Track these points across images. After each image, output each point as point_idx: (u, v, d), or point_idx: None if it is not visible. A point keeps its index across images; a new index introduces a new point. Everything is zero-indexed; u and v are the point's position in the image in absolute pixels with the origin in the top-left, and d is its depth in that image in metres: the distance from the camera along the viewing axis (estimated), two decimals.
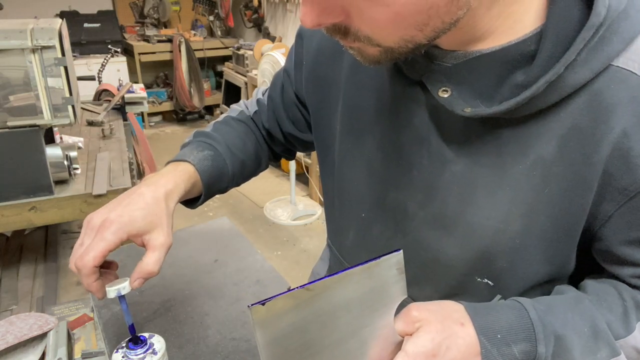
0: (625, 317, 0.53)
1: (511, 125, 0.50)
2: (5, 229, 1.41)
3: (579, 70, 0.45)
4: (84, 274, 0.56)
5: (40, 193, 1.35)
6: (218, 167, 0.71)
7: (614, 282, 0.56)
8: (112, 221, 0.57)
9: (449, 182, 0.55)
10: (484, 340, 0.49)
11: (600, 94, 0.46)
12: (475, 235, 0.54)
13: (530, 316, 0.51)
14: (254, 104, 0.82)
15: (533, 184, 0.50)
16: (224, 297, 0.85)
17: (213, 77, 5.21)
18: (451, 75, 0.50)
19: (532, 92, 0.45)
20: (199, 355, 0.73)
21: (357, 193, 0.65)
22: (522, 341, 0.50)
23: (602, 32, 0.44)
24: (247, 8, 4.53)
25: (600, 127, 0.47)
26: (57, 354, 0.74)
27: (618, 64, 0.45)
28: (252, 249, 1.03)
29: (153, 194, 0.60)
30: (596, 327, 0.51)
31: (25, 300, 1.25)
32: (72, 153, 1.45)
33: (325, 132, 0.69)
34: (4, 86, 1.20)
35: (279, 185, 3.55)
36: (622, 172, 0.47)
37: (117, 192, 1.43)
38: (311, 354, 0.49)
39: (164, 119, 5.15)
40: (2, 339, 0.71)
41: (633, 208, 0.49)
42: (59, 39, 1.21)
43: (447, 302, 0.53)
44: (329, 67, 0.66)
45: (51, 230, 1.64)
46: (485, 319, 0.50)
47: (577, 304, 0.53)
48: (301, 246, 2.87)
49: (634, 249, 0.52)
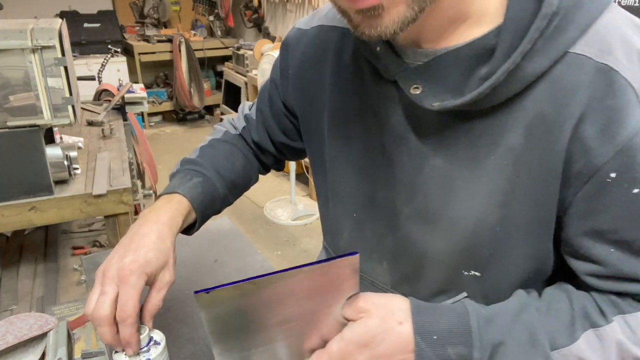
0: (572, 326, 0.53)
1: (481, 117, 0.52)
2: (5, 229, 1.41)
3: (537, 59, 0.47)
4: (129, 324, 0.55)
5: (40, 193, 1.35)
6: (209, 192, 0.72)
7: (569, 289, 0.57)
8: (130, 268, 0.57)
9: (429, 177, 0.56)
10: (419, 339, 0.52)
11: (559, 80, 0.48)
12: (458, 227, 0.56)
13: (471, 323, 0.52)
14: (241, 119, 0.84)
15: (506, 174, 0.52)
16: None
17: (213, 77, 5.21)
18: (421, 72, 0.53)
19: (492, 82, 0.47)
20: (199, 356, 0.73)
21: (349, 194, 0.66)
22: (459, 345, 0.52)
23: (557, 22, 0.46)
24: (247, 8, 4.53)
25: (562, 113, 0.48)
26: (57, 354, 0.74)
27: (575, 51, 0.47)
28: (252, 249, 1.03)
29: (157, 233, 0.61)
30: (535, 337, 0.52)
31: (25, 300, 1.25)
32: (72, 153, 1.45)
33: (314, 136, 0.71)
34: (4, 86, 1.20)
35: (279, 185, 3.55)
36: (578, 156, 0.49)
37: (117, 192, 1.43)
38: (252, 331, 0.53)
39: (164, 119, 5.14)
40: (2, 339, 0.71)
41: (588, 194, 0.50)
42: (59, 39, 1.21)
43: (395, 299, 0.55)
44: (314, 73, 0.67)
45: (51, 230, 1.64)
46: (425, 319, 0.53)
47: (522, 312, 0.54)
48: (301, 246, 2.88)
49: (590, 242, 0.52)
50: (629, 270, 0.52)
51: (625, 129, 0.46)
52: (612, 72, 0.46)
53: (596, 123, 0.47)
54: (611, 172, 0.48)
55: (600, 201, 0.50)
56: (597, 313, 0.54)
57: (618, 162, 0.47)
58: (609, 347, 0.52)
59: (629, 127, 0.46)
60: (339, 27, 0.65)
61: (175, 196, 0.68)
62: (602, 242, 0.52)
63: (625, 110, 0.46)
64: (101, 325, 0.55)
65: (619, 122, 0.46)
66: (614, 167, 0.48)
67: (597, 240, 0.52)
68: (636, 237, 0.50)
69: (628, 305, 0.53)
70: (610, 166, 0.48)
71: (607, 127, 0.47)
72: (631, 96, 0.46)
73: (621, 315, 0.53)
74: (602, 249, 0.52)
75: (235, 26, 4.92)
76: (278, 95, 0.76)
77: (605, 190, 0.49)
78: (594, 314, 0.53)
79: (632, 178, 0.48)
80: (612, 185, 0.48)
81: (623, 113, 0.46)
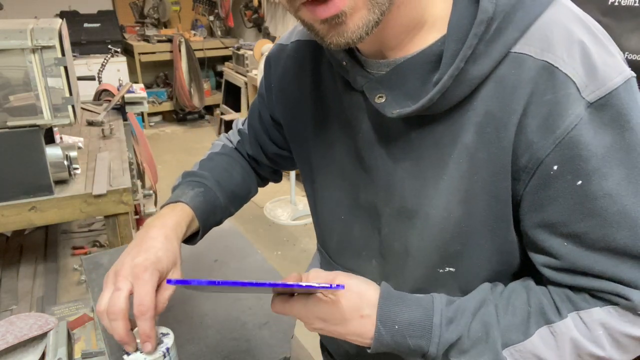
0: (527, 322, 0.54)
1: (440, 120, 0.54)
2: (5, 229, 1.41)
3: (480, 61, 0.49)
4: (148, 317, 0.56)
5: (40, 193, 1.35)
6: (210, 201, 0.74)
7: (529, 285, 0.58)
8: (143, 265, 0.58)
9: (402, 179, 0.59)
10: (380, 326, 0.56)
11: (504, 79, 0.50)
12: (429, 224, 0.58)
13: (434, 320, 0.55)
14: (235, 134, 0.88)
15: (464, 172, 0.54)
16: (224, 297, 0.85)
17: (213, 77, 5.22)
18: (385, 82, 0.56)
19: (440, 87, 0.50)
20: (199, 356, 0.73)
21: (335, 198, 0.69)
22: (418, 338, 0.55)
23: (496, 25, 0.48)
24: (247, 8, 4.54)
25: (507, 110, 0.50)
26: (57, 354, 0.74)
27: (516, 50, 0.49)
28: (252, 249, 1.03)
29: (164, 236, 0.63)
30: (489, 334, 0.55)
31: (25, 300, 1.25)
32: (72, 153, 1.45)
33: (300, 145, 0.73)
34: (4, 86, 1.20)
35: (279, 186, 3.55)
36: (523, 150, 0.50)
37: (117, 192, 1.43)
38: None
39: (164, 119, 5.15)
40: (2, 339, 0.71)
41: (535, 187, 0.51)
42: (59, 39, 1.21)
43: (368, 290, 0.58)
44: (295, 86, 0.70)
45: (51, 230, 1.64)
46: (390, 308, 0.56)
47: (481, 308, 0.56)
48: (301, 246, 2.88)
49: (544, 235, 0.53)
50: (582, 264, 0.52)
51: (564, 122, 0.47)
52: (551, 68, 0.48)
53: (537, 117, 0.48)
54: (553, 164, 0.49)
55: (547, 194, 0.51)
56: (552, 309, 0.54)
57: (559, 155, 0.48)
58: (562, 344, 0.53)
59: (567, 120, 0.47)
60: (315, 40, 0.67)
61: (178, 205, 0.70)
62: (554, 235, 0.53)
63: (564, 103, 0.47)
64: (116, 320, 0.56)
65: (558, 115, 0.48)
66: (555, 160, 0.49)
67: (550, 233, 0.53)
68: (586, 230, 0.51)
69: (583, 301, 0.54)
70: (552, 159, 0.49)
71: (547, 120, 0.48)
72: (571, 90, 0.47)
73: (576, 311, 0.54)
74: (555, 241, 0.53)
75: (235, 26, 4.92)
76: (266, 108, 0.79)
77: (549, 183, 0.50)
78: (549, 310, 0.54)
79: (574, 170, 0.49)
80: (555, 178, 0.50)
81: (563, 106, 0.47)
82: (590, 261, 0.52)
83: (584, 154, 0.48)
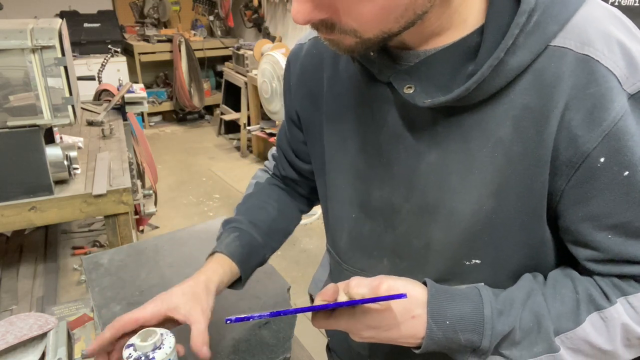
0: (577, 310, 0.55)
1: (471, 112, 0.54)
2: (5, 229, 1.41)
3: (519, 53, 0.49)
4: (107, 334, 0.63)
5: (40, 193, 1.35)
6: (247, 243, 0.77)
7: (573, 274, 0.58)
8: (153, 297, 0.66)
9: (426, 173, 0.58)
10: (431, 322, 0.55)
11: (542, 72, 0.50)
12: (455, 218, 0.58)
13: (485, 312, 0.55)
14: (270, 160, 0.90)
15: (498, 165, 0.54)
16: (224, 297, 0.85)
17: (213, 77, 5.21)
18: (413, 73, 0.55)
19: (478, 77, 0.49)
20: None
21: (346, 196, 0.68)
22: (470, 332, 0.55)
23: (536, 17, 0.48)
24: (247, 8, 4.53)
25: (547, 104, 0.50)
26: (57, 354, 0.74)
27: (555, 44, 0.49)
28: None
29: (192, 282, 0.69)
30: (540, 324, 0.55)
31: (25, 300, 1.25)
32: (72, 153, 1.45)
33: (316, 144, 0.73)
34: (4, 86, 1.20)
35: None
36: (567, 144, 0.50)
37: (117, 192, 1.43)
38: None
39: (164, 119, 5.15)
40: (2, 339, 0.71)
41: (580, 181, 0.51)
42: (59, 39, 1.21)
43: (415, 290, 0.57)
44: (312, 83, 0.70)
45: (51, 230, 1.64)
46: (440, 305, 0.56)
47: (530, 298, 0.56)
48: (301, 246, 2.88)
49: (587, 228, 0.54)
50: (627, 253, 0.53)
51: (610, 114, 0.48)
52: (592, 61, 0.48)
53: (581, 111, 0.49)
54: (600, 157, 0.49)
55: (593, 186, 0.51)
56: (600, 296, 0.55)
57: (606, 147, 0.49)
58: (614, 329, 0.54)
59: (613, 112, 0.48)
60: None
61: (216, 255, 0.74)
62: (598, 228, 0.53)
63: (608, 96, 0.48)
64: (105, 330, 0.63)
65: (603, 108, 0.48)
66: (602, 152, 0.49)
67: (593, 226, 0.53)
68: (631, 219, 0.52)
69: (630, 286, 0.55)
70: (599, 151, 0.49)
71: (592, 113, 0.48)
72: (614, 83, 0.48)
73: (624, 296, 0.54)
74: (600, 235, 0.53)
75: (235, 26, 4.92)
76: (292, 122, 0.79)
77: (596, 176, 0.50)
78: (598, 297, 0.55)
79: (621, 161, 0.49)
80: (602, 170, 0.50)
81: (606, 99, 0.48)
82: (635, 248, 0.53)
83: (630, 145, 0.49)
